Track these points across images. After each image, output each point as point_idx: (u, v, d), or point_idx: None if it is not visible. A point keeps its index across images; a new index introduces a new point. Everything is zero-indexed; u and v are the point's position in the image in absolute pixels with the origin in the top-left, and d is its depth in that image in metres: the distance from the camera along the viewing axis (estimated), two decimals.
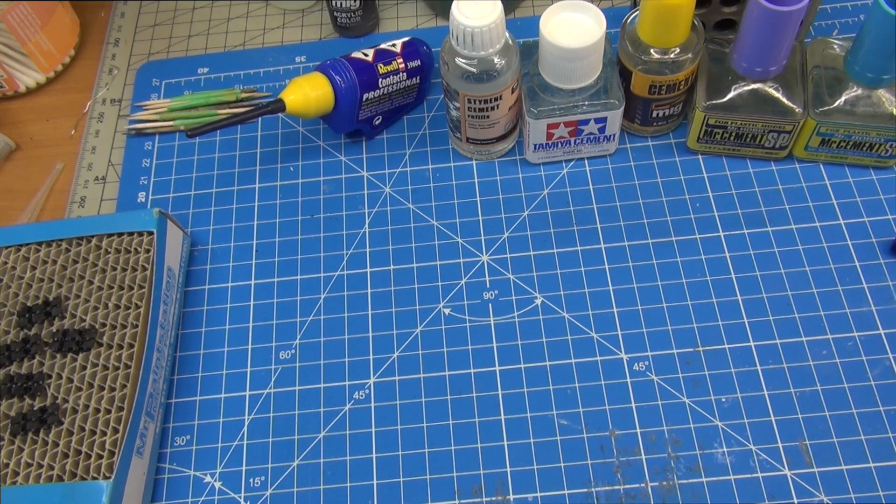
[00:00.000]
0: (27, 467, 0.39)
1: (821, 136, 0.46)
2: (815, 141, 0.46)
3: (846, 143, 0.46)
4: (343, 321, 0.46)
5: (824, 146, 0.46)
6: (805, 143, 0.47)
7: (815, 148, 0.47)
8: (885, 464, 0.40)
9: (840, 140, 0.45)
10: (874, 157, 0.47)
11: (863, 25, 0.41)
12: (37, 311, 0.43)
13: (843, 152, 0.47)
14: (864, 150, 0.46)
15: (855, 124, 0.44)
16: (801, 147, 0.47)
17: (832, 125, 0.44)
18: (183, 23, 0.61)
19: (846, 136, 0.45)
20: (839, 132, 0.45)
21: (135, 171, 0.53)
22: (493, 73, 0.44)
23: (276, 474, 0.42)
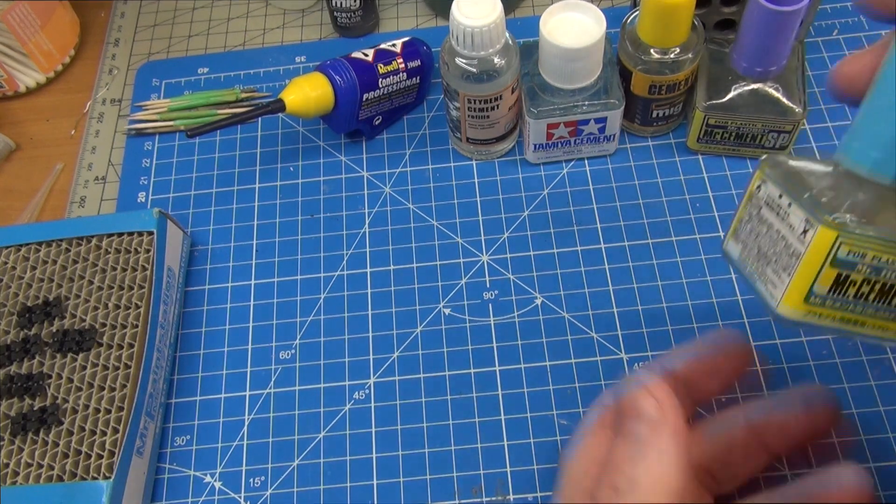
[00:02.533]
0: (27, 467, 0.39)
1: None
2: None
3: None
4: (343, 321, 0.46)
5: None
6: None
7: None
8: (885, 464, 0.40)
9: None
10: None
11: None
12: (37, 311, 0.43)
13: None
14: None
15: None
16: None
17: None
18: (183, 23, 0.61)
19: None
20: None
21: (135, 171, 0.53)
22: (493, 73, 0.44)
23: (276, 474, 0.42)
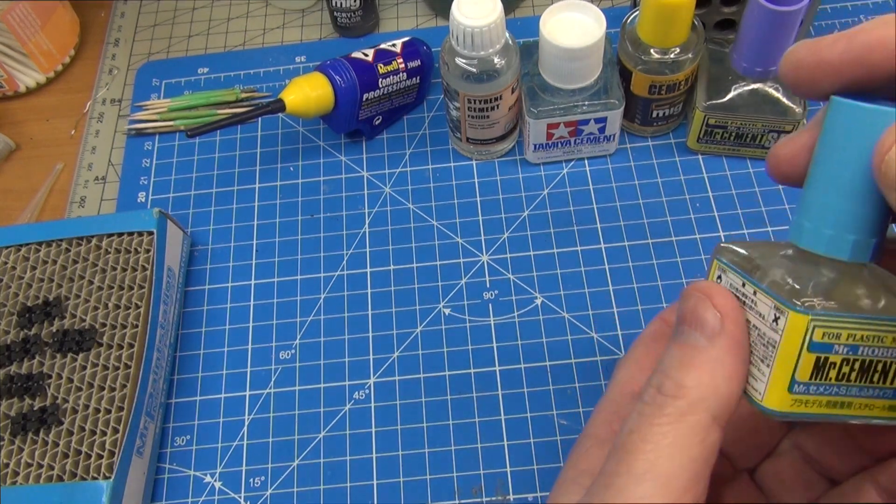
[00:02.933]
0: (27, 467, 0.39)
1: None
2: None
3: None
4: (343, 321, 0.46)
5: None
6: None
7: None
8: None
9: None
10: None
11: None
12: (37, 311, 0.43)
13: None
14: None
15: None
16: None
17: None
18: (183, 23, 0.61)
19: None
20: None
21: (135, 171, 0.53)
22: (493, 73, 0.44)
23: (276, 474, 0.42)
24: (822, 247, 0.23)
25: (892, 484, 0.24)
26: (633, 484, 0.22)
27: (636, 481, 0.22)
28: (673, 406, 0.23)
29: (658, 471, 0.22)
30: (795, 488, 0.27)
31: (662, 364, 0.24)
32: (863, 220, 0.23)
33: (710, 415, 0.22)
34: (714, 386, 0.23)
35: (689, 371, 0.23)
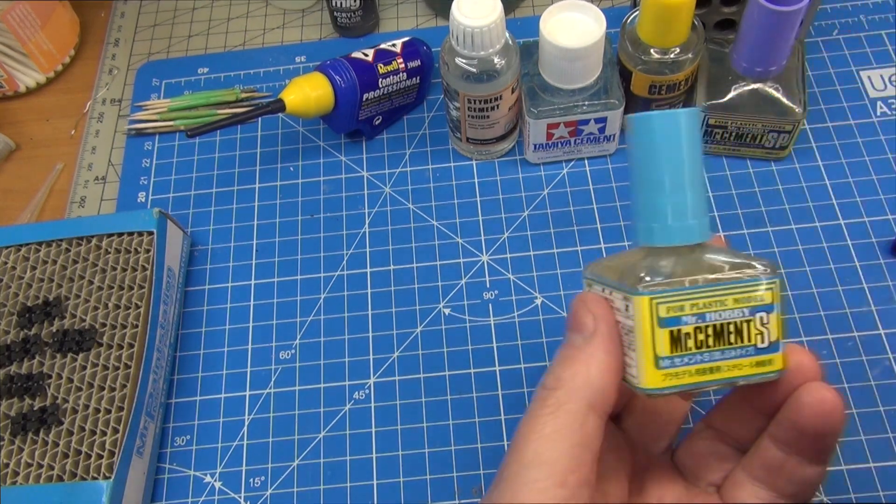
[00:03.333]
0: (27, 467, 0.39)
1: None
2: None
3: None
4: (343, 321, 0.46)
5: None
6: None
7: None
8: (885, 464, 0.40)
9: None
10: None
11: None
12: (37, 311, 0.43)
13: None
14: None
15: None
16: None
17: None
18: (183, 23, 0.61)
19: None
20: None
21: (135, 171, 0.53)
22: (493, 73, 0.44)
23: (276, 474, 0.42)
24: (657, 240, 0.26)
25: (785, 436, 0.26)
26: (523, 471, 0.25)
27: (525, 468, 0.25)
28: (553, 397, 0.26)
29: (543, 458, 0.25)
30: (709, 462, 0.29)
31: (550, 365, 0.27)
32: (692, 206, 0.26)
33: (585, 403, 0.25)
34: (588, 378, 0.26)
35: (567, 366, 0.26)
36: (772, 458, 0.27)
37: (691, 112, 0.26)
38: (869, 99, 0.51)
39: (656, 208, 0.26)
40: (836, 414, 0.25)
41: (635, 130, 0.26)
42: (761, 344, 0.26)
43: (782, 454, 0.26)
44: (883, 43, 0.53)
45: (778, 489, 0.27)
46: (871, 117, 0.50)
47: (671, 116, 0.25)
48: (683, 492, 0.29)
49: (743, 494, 0.27)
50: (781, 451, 0.26)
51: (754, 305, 0.25)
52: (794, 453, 0.26)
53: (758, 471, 0.27)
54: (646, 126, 0.26)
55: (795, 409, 0.26)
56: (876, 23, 0.54)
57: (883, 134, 0.49)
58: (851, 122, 0.50)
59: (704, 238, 0.26)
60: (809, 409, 0.25)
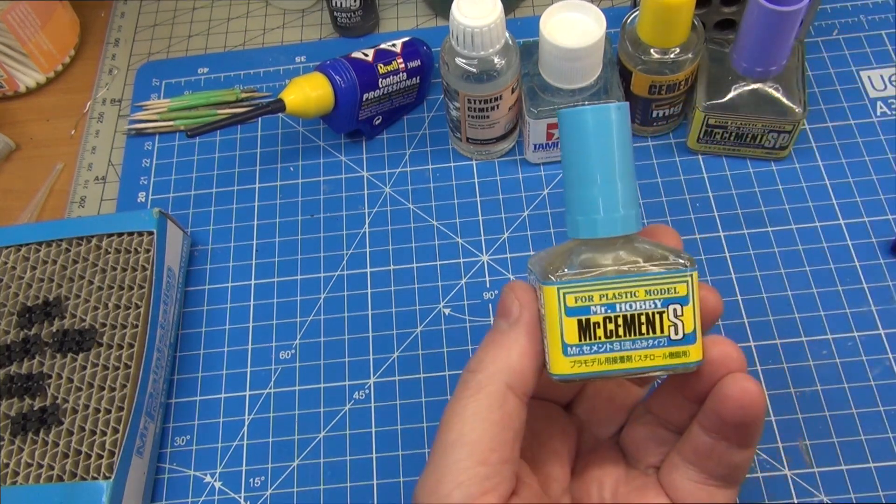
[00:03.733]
0: (27, 467, 0.39)
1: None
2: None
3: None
4: (343, 321, 0.46)
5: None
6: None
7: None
8: (885, 464, 0.40)
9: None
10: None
11: None
12: (37, 311, 0.43)
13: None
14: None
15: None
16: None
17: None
18: (183, 23, 0.61)
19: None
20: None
21: (135, 171, 0.53)
22: (493, 73, 0.44)
23: (276, 474, 0.42)
24: (582, 232, 0.27)
25: (711, 425, 0.27)
26: (447, 451, 0.26)
27: (449, 449, 0.26)
28: (474, 380, 0.27)
29: (465, 438, 0.26)
30: (649, 446, 0.31)
31: (476, 350, 0.28)
32: (615, 199, 0.26)
33: (504, 385, 0.26)
34: (508, 361, 0.27)
35: (490, 350, 0.27)
36: (701, 443, 0.28)
37: (620, 106, 0.26)
38: (869, 99, 0.51)
39: (582, 201, 0.27)
40: (756, 405, 0.26)
41: (565, 125, 0.27)
42: (675, 335, 0.26)
43: (711, 440, 0.27)
44: (883, 43, 0.53)
45: (709, 472, 0.28)
46: (871, 117, 0.50)
47: (601, 111, 0.26)
48: (623, 473, 0.31)
49: (677, 476, 0.29)
50: (710, 437, 0.27)
51: (666, 297, 0.26)
52: (721, 439, 0.27)
53: (690, 455, 0.28)
54: (575, 121, 0.26)
55: (718, 400, 0.27)
56: (876, 23, 0.54)
57: (883, 134, 0.49)
58: (851, 122, 0.50)
59: (629, 230, 0.27)
60: (731, 400, 0.26)
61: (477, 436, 0.26)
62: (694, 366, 0.26)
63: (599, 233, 0.27)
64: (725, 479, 0.28)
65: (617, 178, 0.26)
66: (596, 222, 0.26)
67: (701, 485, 0.28)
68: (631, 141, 0.27)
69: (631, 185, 0.27)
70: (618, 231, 0.26)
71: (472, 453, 0.26)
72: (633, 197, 0.27)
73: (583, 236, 0.27)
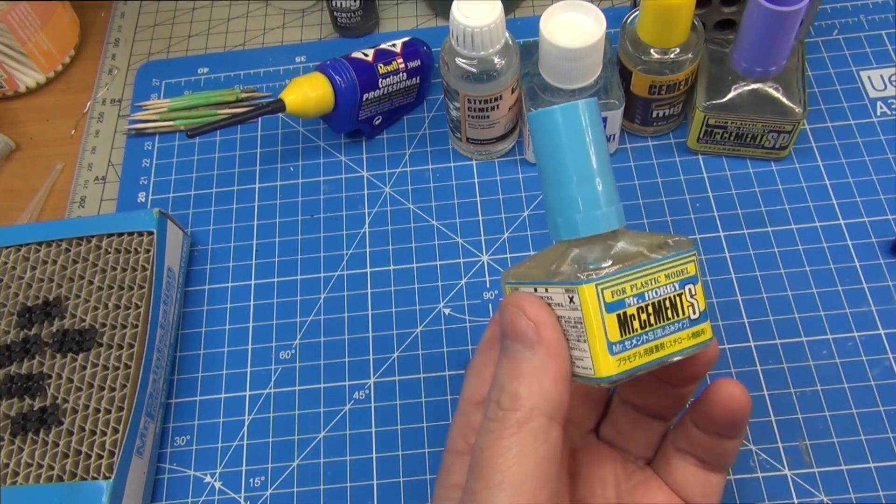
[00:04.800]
0: (27, 467, 0.39)
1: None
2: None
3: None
4: (343, 321, 0.46)
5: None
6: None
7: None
8: (885, 464, 0.40)
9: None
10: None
11: None
12: (37, 311, 0.43)
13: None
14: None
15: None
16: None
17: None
18: (183, 23, 0.61)
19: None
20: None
21: (135, 171, 0.53)
22: (493, 73, 0.44)
23: (276, 474, 0.42)
24: (577, 231, 0.26)
25: (703, 423, 0.30)
26: (492, 496, 0.25)
27: (495, 493, 0.25)
28: (513, 418, 0.25)
29: (511, 480, 0.25)
30: (635, 434, 0.31)
31: (498, 379, 0.27)
32: (604, 194, 0.26)
33: (546, 418, 0.25)
34: (543, 392, 0.26)
35: (520, 382, 0.26)
36: (694, 435, 0.30)
37: (589, 102, 0.26)
38: (869, 99, 0.51)
39: (570, 201, 0.26)
40: (743, 407, 0.29)
41: (537, 127, 0.26)
42: (693, 315, 0.27)
43: (702, 433, 0.30)
44: (883, 43, 0.53)
45: (703, 459, 0.31)
46: (871, 117, 0.50)
47: (571, 108, 0.26)
48: (620, 468, 0.32)
49: (674, 465, 0.31)
50: (701, 431, 0.30)
51: (682, 279, 0.26)
52: (712, 434, 0.30)
53: (685, 445, 0.30)
54: (547, 121, 0.26)
55: (709, 404, 0.29)
56: (876, 23, 0.54)
57: (883, 134, 0.49)
58: (851, 122, 0.50)
59: (621, 223, 0.27)
60: (721, 405, 0.29)
61: (524, 476, 0.25)
62: (709, 343, 0.27)
63: (595, 229, 0.26)
64: (718, 465, 0.31)
65: (600, 173, 0.26)
66: (589, 219, 0.26)
67: (697, 470, 0.31)
68: (604, 136, 0.26)
69: (610, 180, 0.27)
70: (613, 225, 0.26)
71: (522, 494, 0.25)
72: (614, 192, 0.27)
73: (580, 235, 0.27)
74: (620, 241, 0.27)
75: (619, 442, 0.32)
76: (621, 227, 0.27)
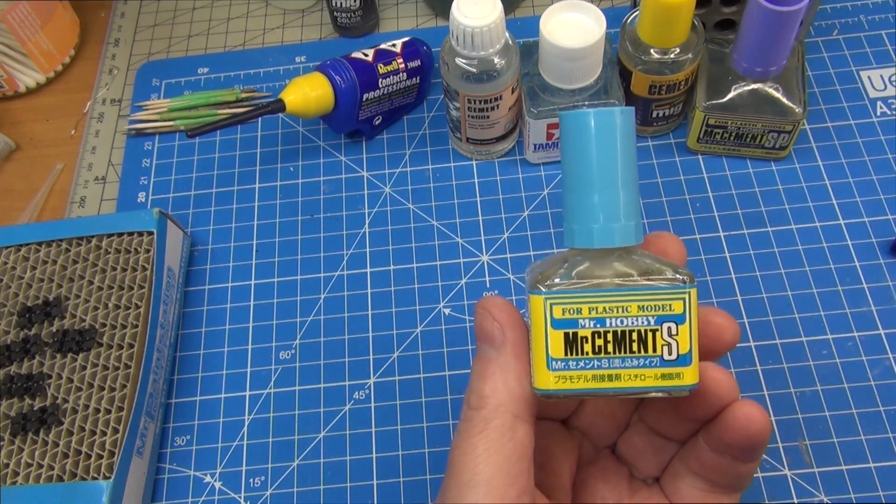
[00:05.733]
0: (27, 467, 0.39)
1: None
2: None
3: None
4: (343, 321, 0.46)
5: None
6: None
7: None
8: (885, 464, 0.40)
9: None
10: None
11: None
12: (37, 311, 0.43)
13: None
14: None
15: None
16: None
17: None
18: (183, 23, 0.61)
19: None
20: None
21: (135, 171, 0.53)
22: (493, 73, 0.44)
23: (276, 474, 0.42)
24: (580, 242, 0.25)
25: (716, 445, 0.27)
26: (462, 494, 0.25)
27: (464, 491, 0.25)
28: (479, 416, 0.26)
29: (479, 477, 0.25)
30: (646, 454, 0.30)
31: (469, 381, 0.27)
32: (615, 209, 0.24)
33: (511, 415, 0.25)
34: (508, 389, 0.26)
35: (486, 381, 0.26)
36: (706, 457, 0.28)
37: (625, 111, 0.24)
38: (869, 99, 0.51)
39: (583, 209, 0.25)
40: (762, 431, 0.26)
41: (568, 128, 0.25)
42: (668, 356, 0.24)
43: (715, 455, 0.27)
44: (883, 43, 0.53)
45: (713, 482, 0.28)
46: (871, 117, 0.50)
47: (605, 114, 0.24)
48: (626, 485, 0.31)
49: (682, 486, 0.29)
50: (715, 453, 0.27)
51: (661, 314, 0.24)
52: (726, 457, 0.27)
53: (695, 466, 0.28)
54: (578, 123, 0.24)
55: (724, 428, 0.26)
56: (876, 23, 0.54)
57: (883, 134, 0.49)
58: (851, 122, 0.50)
59: (627, 242, 0.25)
60: (737, 429, 0.26)
61: (491, 473, 0.25)
62: (688, 389, 0.25)
63: (596, 243, 0.25)
64: (730, 488, 0.28)
65: (619, 185, 0.24)
66: (593, 232, 0.25)
67: (707, 492, 0.28)
68: (635, 148, 0.25)
69: (633, 194, 0.25)
70: (616, 242, 0.25)
71: (489, 492, 0.25)
72: (635, 207, 0.25)
73: (578, 245, 0.25)
74: (617, 260, 0.25)
75: (630, 458, 0.31)
76: (630, 245, 0.25)
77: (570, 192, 0.26)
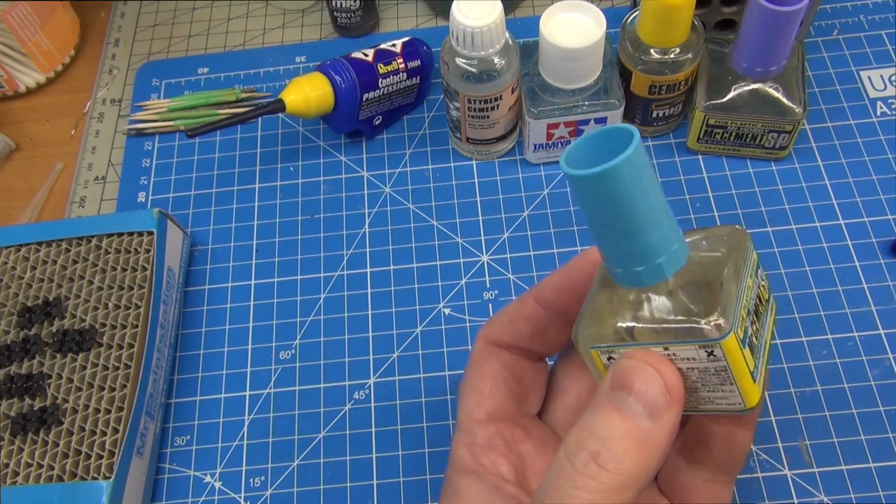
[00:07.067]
0: (27, 467, 0.39)
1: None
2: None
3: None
4: (343, 321, 0.46)
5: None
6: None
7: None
8: (885, 464, 0.40)
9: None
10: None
11: None
12: (37, 311, 0.43)
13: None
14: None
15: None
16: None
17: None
18: (183, 23, 0.61)
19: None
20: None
21: (135, 171, 0.53)
22: (493, 73, 0.44)
23: (276, 474, 0.42)
24: (668, 270, 0.24)
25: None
26: None
27: None
28: (609, 481, 0.23)
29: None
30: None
31: (600, 428, 0.24)
32: (669, 235, 0.23)
33: (637, 492, 0.23)
34: (650, 468, 0.23)
35: (630, 450, 0.23)
36: (710, 433, 0.28)
37: (629, 157, 0.21)
38: (869, 99, 0.51)
39: (637, 251, 0.23)
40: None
41: (580, 191, 0.23)
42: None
43: (709, 422, 0.28)
44: (883, 43, 0.53)
45: (716, 464, 0.28)
46: (871, 117, 0.50)
47: (611, 173, 0.21)
48: None
49: (683, 479, 0.29)
50: (717, 426, 0.28)
51: (755, 268, 0.26)
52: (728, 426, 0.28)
53: (691, 448, 0.29)
54: (595, 184, 0.22)
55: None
56: (876, 23, 0.54)
57: (883, 134, 0.49)
58: (851, 122, 0.50)
59: (678, 266, 0.24)
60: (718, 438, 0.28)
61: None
62: (747, 412, 0.26)
63: (668, 273, 0.24)
64: (728, 469, 0.29)
65: (663, 213, 0.23)
66: (661, 266, 0.24)
67: (710, 482, 0.28)
68: (656, 177, 0.23)
69: (671, 216, 0.24)
70: (681, 262, 0.24)
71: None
72: (675, 223, 0.24)
73: (654, 282, 0.24)
74: (694, 273, 0.24)
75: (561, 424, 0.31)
76: (679, 269, 0.24)
77: (614, 240, 0.24)
